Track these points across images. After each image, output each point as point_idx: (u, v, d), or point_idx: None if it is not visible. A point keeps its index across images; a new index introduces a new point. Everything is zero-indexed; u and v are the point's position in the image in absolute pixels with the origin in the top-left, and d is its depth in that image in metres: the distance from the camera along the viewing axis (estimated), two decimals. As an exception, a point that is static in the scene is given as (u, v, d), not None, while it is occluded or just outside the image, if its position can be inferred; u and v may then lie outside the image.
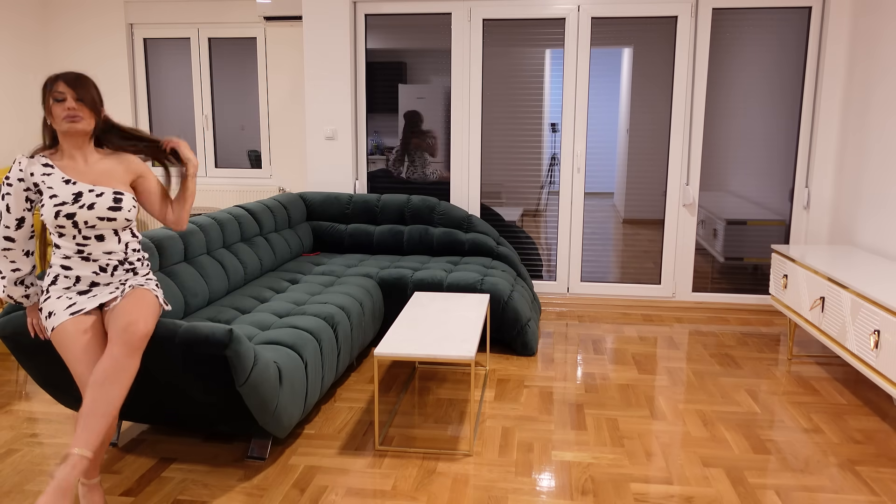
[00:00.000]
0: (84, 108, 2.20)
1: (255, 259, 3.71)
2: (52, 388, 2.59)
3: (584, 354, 3.78)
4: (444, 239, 4.47)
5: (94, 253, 2.22)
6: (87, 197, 2.19)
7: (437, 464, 2.56)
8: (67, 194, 2.18)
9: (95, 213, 2.19)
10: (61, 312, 2.15)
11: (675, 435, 2.81)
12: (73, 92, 2.18)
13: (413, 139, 4.80)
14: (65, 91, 2.17)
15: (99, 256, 2.22)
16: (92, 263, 2.21)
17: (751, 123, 4.53)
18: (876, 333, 2.74)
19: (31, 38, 5.52)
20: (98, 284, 2.23)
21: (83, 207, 2.18)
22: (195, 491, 2.36)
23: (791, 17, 4.40)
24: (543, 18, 4.59)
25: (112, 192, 2.23)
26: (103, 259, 2.23)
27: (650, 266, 4.78)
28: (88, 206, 2.18)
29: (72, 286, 2.20)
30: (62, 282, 2.21)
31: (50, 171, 2.20)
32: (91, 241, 2.21)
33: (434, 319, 3.00)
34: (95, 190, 2.21)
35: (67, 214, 2.16)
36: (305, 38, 4.72)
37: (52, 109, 2.17)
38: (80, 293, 2.20)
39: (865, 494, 2.37)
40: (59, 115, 2.17)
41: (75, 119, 2.18)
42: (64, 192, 2.18)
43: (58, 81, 2.18)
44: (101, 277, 2.22)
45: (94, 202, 2.19)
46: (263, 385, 2.32)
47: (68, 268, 2.20)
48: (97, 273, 2.22)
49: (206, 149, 5.70)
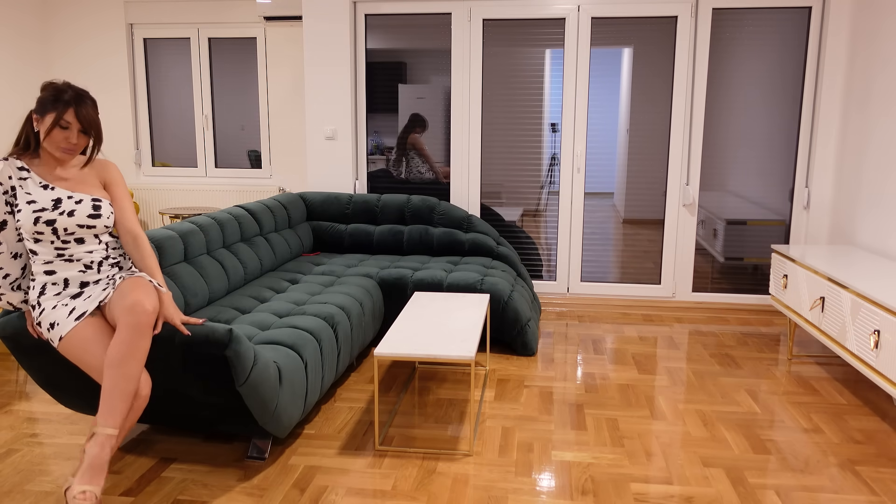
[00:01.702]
0: (84, 138, 2.19)
1: (255, 259, 3.71)
2: (52, 388, 2.59)
3: (584, 354, 3.78)
4: (444, 239, 4.47)
5: (76, 253, 2.20)
6: (66, 204, 2.17)
7: (437, 464, 2.56)
8: (46, 200, 2.15)
9: (75, 221, 2.17)
10: (65, 321, 2.12)
11: (675, 435, 2.81)
12: (80, 125, 2.15)
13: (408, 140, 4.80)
14: (72, 122, 2.14)
15: (81, 256, 2.21)
16: (76, 263, 2.20)
17: (751, 123, 4.53)
18: (876, 333, 2.74)
19: (31, 38, 5.52)
20: (88, 284, 2.21)
21: (63, 214, 2.15)
22: (195, 491, 2.36)
23: (791, 17, 4.40)
24: (543, 18, 4.59)
25: (91, 200, 2.21)
26: (86, 258, 2.21)
27: (650, 266, 4.78)
28: (69, 213, 2.16)
29: (62, 291, 2.18)
30: (51, 289, 2.18)
31: (26, 174, 2.17)
32: (70, 244, 2.19)
33: (434, 319, 3.00)
34: (74, 196, 2.19)
35: (47, 221, 2.14)
36: (305, 37, 4.72)
37: (53, 133, 2.13)
38: (74, 296, 2.18)
39: (865, 494, 2.37)
40: (57, 140, 2.14)
41: (72, 152, 2.18)
42: (42, 197, 2.15)
43: (68, 109, 2.13)
44: (88, 275, 2.21)
45: (74, 209, 2.17)
46: (263, 385, 2.32)
47: (52, 272, 2.18)
48: (83, 271, 2.20)
49: (206, 149, 5.70)
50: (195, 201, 5.69)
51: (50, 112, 2.13)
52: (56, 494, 2.34)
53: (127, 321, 2.03)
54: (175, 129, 5.74)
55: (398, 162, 4.84)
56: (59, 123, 2.12)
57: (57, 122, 2.12)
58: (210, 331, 2.22)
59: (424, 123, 4.79)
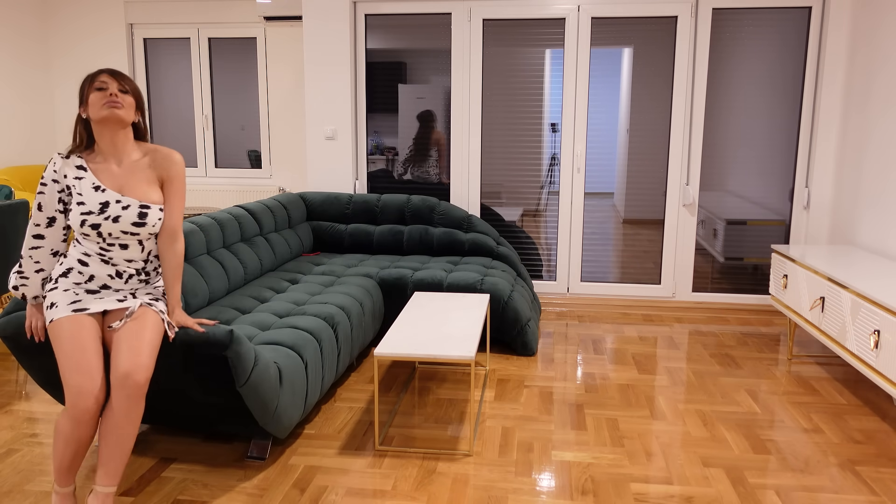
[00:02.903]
0: (127, 97, 2.15)
1: (255, 259, 3.71)
2: (52, 388, 2.59)
3: (584, 354, 3.78)
4: (444, 239, 4.47)
5: (115, 258, 2.18)
6: (112, 209, 2.14)
7: (437, 464, 2.56)
8: (94, 203, 2.13)
9: (119, 227, 2.15)
10: (64, 306, 2.11)
11: (675, 435, 2.81)
12: (117, 83, 2.13)
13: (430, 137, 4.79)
14: (108, 81, 2.12)
15: (119, 262, 2.19)
16: (110, 267, 2.18)
17: (751, 123, 4.53)
18: (876, 333, 2.74)
19: (30, 38, 5.52)
20: (109, 288, 2.19)
21: (108, 219, 2.14)
22: (195, 491, 2.36)
23: (791, 16, 4.40)
24: (543, 18, 4.59)
25: (139, 206, 2.17)
26: (122, 265, 2.20)
27: (650, 266, 4.78)
28: (114, 218, 2.14)
29: (83, 283, 2.17)
30: (74, 276, 2.16)
31: (83, 174, 2.15)
32: (115, 248, 2.18)
33: (434, 319, 3.00)
34: (122, 201, 2.16)
35: (92, 225, 2.12)
36: (305, 37, 4.72)
37: (91, 98, 2.10)
38: (89, 292, 2.17)
39: (865, 494, 2.37)
40: (97, 101, 2.10)
41: (116, 105, 2.10)
42: (91, 200, 2.13)
43: (101, 74, 2.13)
44: (114, 282, 2.19)
45: (120, 215, 2.15)
46: (264, 385, 2.32)
47: (85, 264, 2.16)
48: (112, 277, 2.18)
49: (206, 149, 5.70)
50: (195, 201, 5.69)
51: (87, 88, 2.13)
52: (56, 494, 2.34)
53: (121, 391, 2.02)
54: (175, 129, 5.74)
55: (418, 161, 4.83)
56: (96, 87, 2.11)
57: (95, 86, 2.11)
58: (210, 331, 2.22)
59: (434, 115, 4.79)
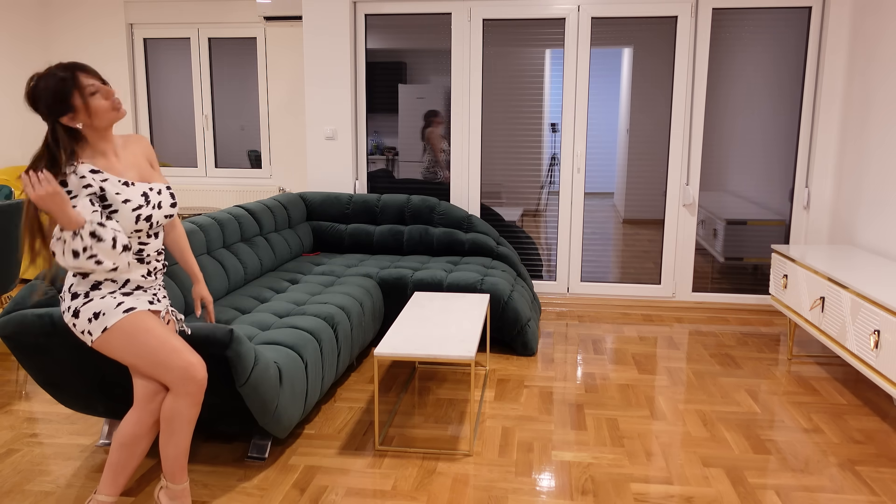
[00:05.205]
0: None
1: (255, 259, 3.71)
2: (52, 388, 2.59)
3: (584, 354, 3.78)
4: (444, 239, 4.47)
5: (150, 253, 2.09)
6: (153, 197, 2.04)
7: (437, 464, 2.56)
8: (137, 196, 2.00)
9: (163, 213, 2.07)
10: (112, 311, 1.97)
11: (675, 435, 2.81)
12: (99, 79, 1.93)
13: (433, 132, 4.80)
14: (95, 82, 1.91)
15: (151, 256, 2.10)
16: (143, 266, 2.08)
17: (751, 123, 4.53)
18: (876, 333, 2.74)
19: (30, 38, 5.52)
20: (140, 288, 2.09)
21: (154, 207, 2.03)
22: (195, 491, 2.36)
23: (791, 17, 4.40)
24: (543, 18, 4.59)
25: (165, 188, 2.09)
26: (153, 260, 2.11)
27: (650, 266, 4.78)
28: (157, 205, 2.05)
29: (117, 290, 2.03)
30: (107, 286, 2.01)
31: (103, 175, 1.96)
32: (151, 240, 2.09)
33: (434, 319, 3.00)
34: (154, 187, 2.06)
35: (146, 217, 2.01)
36: (305, 38, 4.72)
37: (91, 106, 1.88)
38: (125, 294, 2.05)
39: (865, 494, 2.38)
40: (102, 108, 1.91)
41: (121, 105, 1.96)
42: (132, 195, 1.99)
43: (77, 75, 1.87)
44: (146, 282, 2.10)
45: (160, 200, 2.06)
46: (264, 385, 2.32)
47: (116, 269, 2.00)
48: (145, 277, 2.08)
49: (206, 149, 5.70)
50: (195, 201, 5.69)
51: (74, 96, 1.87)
52: (56, 494, 2.34)
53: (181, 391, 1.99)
54: (175, 129, 5.75)
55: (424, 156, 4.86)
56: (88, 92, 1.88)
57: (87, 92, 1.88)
58: (211, 331, 2.22)
59: (438, 114, 4.78)
